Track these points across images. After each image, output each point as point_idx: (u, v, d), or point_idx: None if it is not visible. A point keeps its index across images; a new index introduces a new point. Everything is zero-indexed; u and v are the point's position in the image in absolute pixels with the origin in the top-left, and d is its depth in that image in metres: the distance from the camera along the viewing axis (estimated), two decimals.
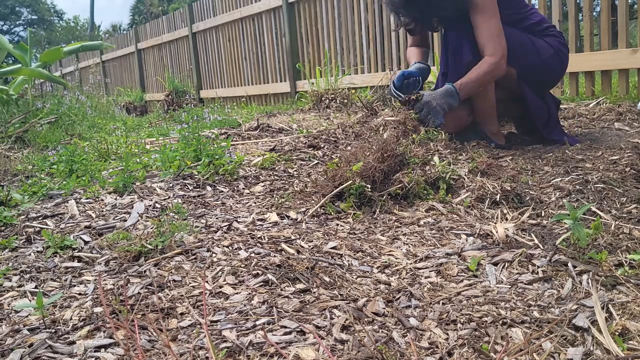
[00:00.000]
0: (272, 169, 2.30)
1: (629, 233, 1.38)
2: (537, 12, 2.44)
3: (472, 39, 2.25)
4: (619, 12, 3.43)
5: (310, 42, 5.91)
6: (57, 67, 13.28)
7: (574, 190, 1.71)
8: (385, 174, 1.80)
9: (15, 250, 1.54)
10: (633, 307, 1.04)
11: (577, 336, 0.97)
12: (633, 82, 3.83)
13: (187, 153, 2.31)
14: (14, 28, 39.57)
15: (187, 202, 1.91)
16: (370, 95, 4.37)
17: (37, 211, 1.87)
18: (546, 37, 2.35)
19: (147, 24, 9.79)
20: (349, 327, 1.04)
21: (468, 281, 1.24)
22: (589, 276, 1.18)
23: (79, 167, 2.40)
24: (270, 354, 0.96)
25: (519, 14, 2.36)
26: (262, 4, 6.41)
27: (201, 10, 7.79)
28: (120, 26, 30.84)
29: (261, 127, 3.38)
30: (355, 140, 2.55)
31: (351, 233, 1.59)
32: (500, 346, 0.96)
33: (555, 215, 1.40)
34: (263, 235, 1.56)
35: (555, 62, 2.35)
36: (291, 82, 6.18)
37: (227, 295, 1.20)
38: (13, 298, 1.26)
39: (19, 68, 5.04)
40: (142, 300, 1.18)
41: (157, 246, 1.43)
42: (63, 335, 1.06)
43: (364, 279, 1.28)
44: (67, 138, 3.89)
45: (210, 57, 7.88)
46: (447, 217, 1.66)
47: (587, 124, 2.82)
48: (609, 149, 2.15)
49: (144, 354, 0.96)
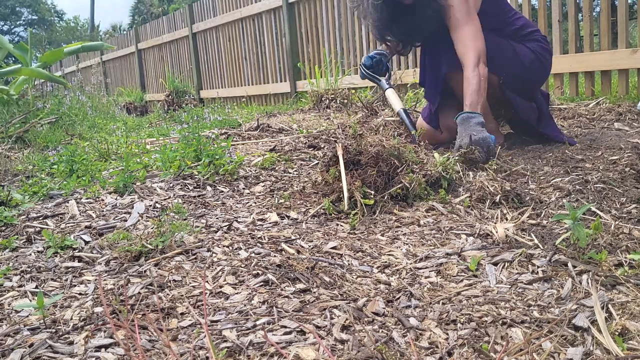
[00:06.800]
0: (272, 169, 2.30)
1: (628, 233, 1.38)
2: (521, 17, 2.46)
3: (448, 52, 2.28)
4: (619, 12, 3.43)
5: (310, 42, 5.91)
6: (58, 67, 13.28)
7: (574, 190, 1.71)
8: (385, 175, 1.80)
9: (16, 250, 1.54)
10: (633, 307, 1.04)
11: (577, 336, 0.97)
12: (633, 82, 3.83)
13: (188, 153, 2.31)
14: (14, 28, 39.60)
15: (187, 202, 1.91)
16: (370, 95, 4.37)
17: (38, 211, 1.87)
18: (529, 42, 2.36)
19: (148, 24, 9.80)
20: (349, 327, 1.04)
21: (468, 281, 1.24)
22: (588, 276, 1.18)
23: (79, 167, 2.40)
24: (271, 354, 0.97)
25: (504, 20, 2.38)
26: (262, 4, 6.41)
27: (201, 10, 7.79)
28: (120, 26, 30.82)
29: (261, 127, 3.38)
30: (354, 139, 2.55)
31: (351, 233, 1.59)
32: (500, 346, 0.96)
33: (555, 215, 1.40)
34: (263, 235, 1.56)
35: (537, 66, 2.36)
36: (291, 82, 6.18)
37: (227, 295, 1.20)
38: (13, 298, 1.26)
39: (20, 68, 5.04)
40: (142, 300, 1.19)
41: (158, 246, 1.43)
42: (63, 335, 1.06)
43: (364, 278, 1.28)
44: (68, 138, 3.89)
45: (211, 57, 7.88)
46: (447, 217, 1.66)
47: (587, 124, 2.82)
48: (608, 149, 2.15)
49: (144, 353, 0.96)
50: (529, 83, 2.38)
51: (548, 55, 2.41)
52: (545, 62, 2.40)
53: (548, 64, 2.43)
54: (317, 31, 5.79)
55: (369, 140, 1.88)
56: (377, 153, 1.81)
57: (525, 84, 2.36)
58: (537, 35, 2.40)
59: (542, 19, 3.89)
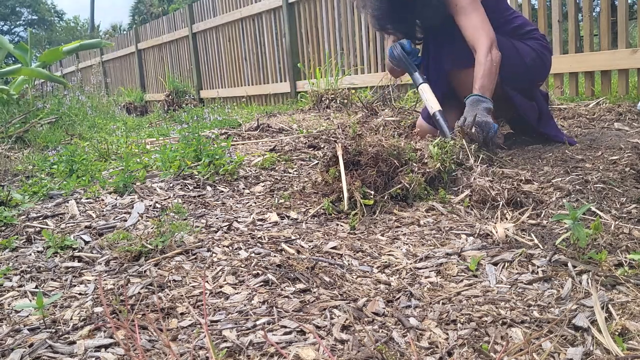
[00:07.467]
0: (272, 169, 2.30)
1: (628, 233, 1.38)
2: (520, 16, 2.46)
3: (451, 47, 2.27)
4: (619, 12, 3.43)
5: (310, 42, 5.91)
6: (58, 67, 13.29)
7: (574, 190, 1.71)
8: (385, 175, 1.80)
9: (16, 250, 1.54)
10: (633, 307, 1.04)
11: (577, 336, 0.97)
12: (633, 82, 3.83)
13: (188, 153, 2.31)
14: (14, 28, 39.59)
15: (187, 202, 1.91)
16: (370, 95, 4.37)
17: (38, 211, 1.87)
18: (528, 40, 2.36)
19: (148, 24, 9.80)
20: (349, 327, 1.04)
21: (468, 281, 1.24)
22: (588, 276, 1.18)
23: (79, 167, 2.40)
24: (271, 354, 0.97)
25: (502, 17, 2.37)
26: (262, 4, 6.41)
27: (201, 10, 7.79)
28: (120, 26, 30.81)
29: (261, 127, 3.38)
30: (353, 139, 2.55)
31: (351, 233, 1.59)
32: (500, 346, 0.96)
33: (555, 215, 1.40)
34: (263, 235, 1.56)
35: (537, 64, 2.35)
36: (291, 82, 6.18)
37: (227, 295, 1.20)
38: (13, 298, 1.26)
39: (19, 68, 5.04)
40: (142, 300, 1.19)
41: (158, 246, 1.43)
42: (63, 335, 1.06)
43: (364, 278, 1.28)
44: (68, 138, 3.89)
45: (211, 57, 7.88)
46: (447, 217, 1.66)
47: (587, 124, 2.82)
48: (608, 149, 2.15)
49: (144, 353, 0.96)
50: (529, 81, 2.38)
51: (548, 53, 2.41)
52: (546, 59, 2.39)
53: (548, 62, 2.42)
54: (317, 31, 5.79)
55: (368, 141, 1.89)
56: (377, 153, 1.81)
57: (526, 82, 2.36)
58: (535, 34, 2.40)
59: (542, 19, 3.89)
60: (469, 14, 2.20)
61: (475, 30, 2.18)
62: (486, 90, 2.13)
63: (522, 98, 2.35)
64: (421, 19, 2.35)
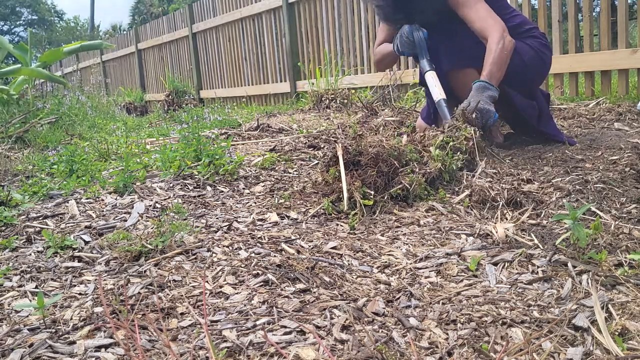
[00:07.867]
0: (272, 169, 2.30)
1: (628, 233, 1.38)
2: (519, 14, 2.45)
3: (450, 47, 2.27)
4: (619, 12, 3.43)
5: (310, 42, 5.91)
6: (58, 67, 13.29)
7: (574, 190, 1.71)
8: (385, 175, 1.80)
9: (16, 250, 1.54)
10: (633, 307, 1.04)
11: (577, 336, 0.97)
12: (633, 82, 3.83)
13: (188, 153, 2.31)
14: (14, 28, 39.60)
15: (187, 202, 1.91)
16: (370, 95, 4.37)
17: (38, 211, 1.87)
18: (527, 38, 2.36)
19: (148, 24, 9.80)
20: (349, 327, 1.04)
21: (468, 281, 1.24)
22: (588, 276, 1.18)
23: (79, 167, 2.41)
24: (271, 354, 0.97)
25: (502, 16, 2.36)
26: (262, 4, 6.41)
27: (201, 10, 7.79)
28: (120, 26, 30.80)
29: (261, 127, 3.38)
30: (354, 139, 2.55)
31: (351, 233, 1.59)
32: (500, 346, 0.96)
33: (555, 215, 1.40)
34: (263, 235, 1.56)
35: (537, 63, 2.35)
36: (291, 83, 6.19)
37: (227, 295, 1.20)
38: (13, 298, 1.26)
39: (19, 68, 5.03)
40: (142, 300, 1.19)
41: (158, 246, 1.43)
42: (63, 335, 1.06)
43: (364, 279, 1.28)
44: (68, 138, 3.89)
45: (211, 57, 7.88)
46: (447, 217, 1.66)
47: (586, 124, 2.82)
48: (608, 149, 2.15)
49: (144, 353, 0.96)
50: (529, 80, 2.37)
51: (547, 51, 2.41)
52: (545, 58, 2.39)
53: (548, 60, 2.42)
54: (317, 31, 5.79)
55: (368, 141, 1.88)
56: (377, 153, 1.81)
57: (526, 81, 2.36)
58: (535, 33, 2.40)
59: (542, 19, 3.89)
60: (474, 5, 2.20)
61: (484, 20, 2.18)
62: (494, 77, 2.13)
63: (521, 97, 2.35)
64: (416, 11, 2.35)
